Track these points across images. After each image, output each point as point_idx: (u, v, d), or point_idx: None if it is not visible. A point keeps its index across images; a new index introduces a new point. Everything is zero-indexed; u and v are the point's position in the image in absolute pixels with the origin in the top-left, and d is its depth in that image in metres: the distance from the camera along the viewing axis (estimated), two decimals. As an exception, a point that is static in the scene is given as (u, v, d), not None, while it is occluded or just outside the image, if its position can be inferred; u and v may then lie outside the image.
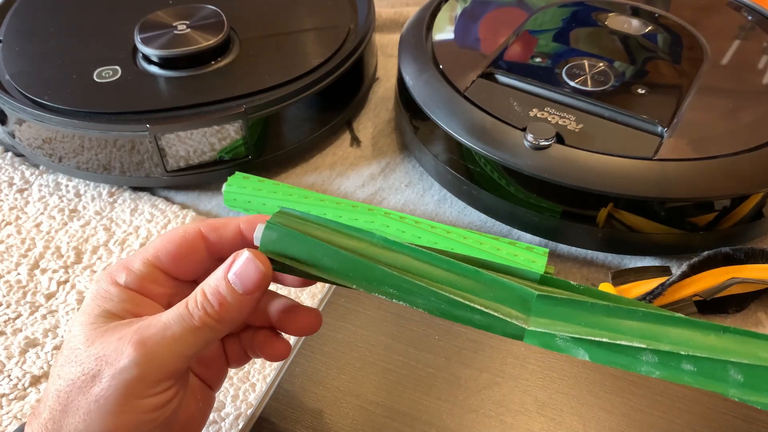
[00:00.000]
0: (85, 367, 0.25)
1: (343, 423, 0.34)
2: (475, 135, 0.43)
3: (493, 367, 0.36)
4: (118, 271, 0.27)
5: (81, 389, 0.25)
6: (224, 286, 0.25)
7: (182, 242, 0.28)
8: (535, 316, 0.24)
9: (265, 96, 0.48)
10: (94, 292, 0.27)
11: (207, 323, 0.25)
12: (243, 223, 0.28)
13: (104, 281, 0.27)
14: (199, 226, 0.28)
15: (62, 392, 0.25)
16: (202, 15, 0.53)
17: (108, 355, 0.24)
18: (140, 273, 0.27)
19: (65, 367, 0.25)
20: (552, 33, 0.52)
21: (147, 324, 0.25)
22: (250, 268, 0.26)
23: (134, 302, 0.27)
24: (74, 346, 0.25)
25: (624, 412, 0.34)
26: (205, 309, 0.25)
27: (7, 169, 0.53)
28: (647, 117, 0.43)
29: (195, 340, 0.25)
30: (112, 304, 0.26)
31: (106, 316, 0.26)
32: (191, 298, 0.26)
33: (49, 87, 0.48)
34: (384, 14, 0.68)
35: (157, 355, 0.24)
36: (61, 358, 0.26)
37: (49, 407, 0.25)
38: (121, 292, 0.27)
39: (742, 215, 0.42)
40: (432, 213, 0.49)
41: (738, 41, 0.51)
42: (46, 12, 0.56)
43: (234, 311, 0.26)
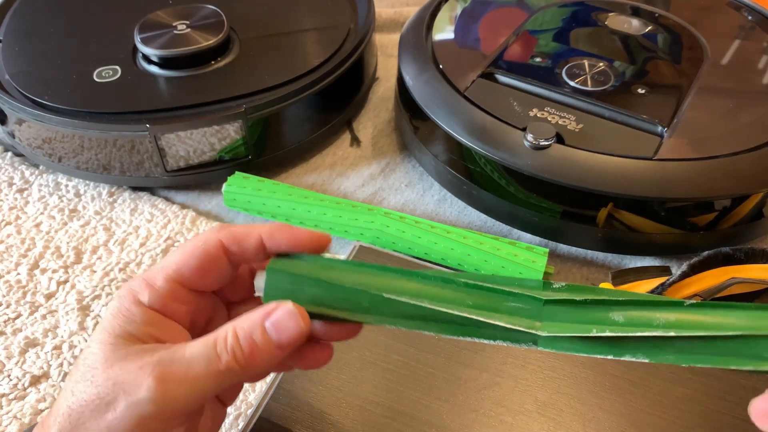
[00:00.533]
0: (101, 390, 0.24)
1: (343, 423, 0.34)
2: (475, 135, 0.43)
3: (493, 367, 0.36)
4: (141, 289, 0.26)
5: (93, 413, 0.24)
6: (259, 335, 0.25)
7: (205, 256, 0.26)
8: (546, 322, 0.25)
9: (265, 96, 0.48)
10: (115, 310, 0.26)
11: (232, 369, 0.24)
12: (264, 234, 0.27)
13: (126, 299, 0.26)
14: (220, 237, 0.27)
15: (74, 411, 0.24)
16: (202, 15, 0.53)
17: (126, 383, 0.24)
18: (163, 291, 0.26)
19: (80, 384, 0.25)
20: (552, 33, 0.52)
21: (170, 357, 0.24)
22: (291, 323, 0.25)
23: (156, 325, 0.26)
24: (91, 364, 0.25)
25: (624, 412, 0.34)
26: (235, 354, 0.24)
27: (7, 169, 0.53)
28: (647, 117, 0.43)
29: (216, 383, 0.24)
30: (134, 326, 0.25)
31: (127, 338, 0.25)
32: (220, 338, 0.25)
33: (49, 87, 0.48)
34: (384, 14, 0.68)
35: (176, 394, 0.24)
36: (77, 373, 0.25)
37: (59, 423, 0.24)
38: (144, 313, 0.26)
39: (742, 215, 0.42)
40: (432, 213, 0.49)
41: (738, 41, 0.51)
42: (45, 12, 0.56)
43: (263, 362, 0.25)
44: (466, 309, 0.25)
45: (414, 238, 0.44)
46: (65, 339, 0.40)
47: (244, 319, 0.25)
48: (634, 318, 0.24)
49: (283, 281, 0.26)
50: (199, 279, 0.27)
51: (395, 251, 0.44)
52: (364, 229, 0.45)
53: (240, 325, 0.25)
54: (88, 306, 0.43)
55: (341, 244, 0.47)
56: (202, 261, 0.27)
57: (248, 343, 0.25)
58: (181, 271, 0.26)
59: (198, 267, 0.26)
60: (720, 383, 0.36)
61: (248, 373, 0.25)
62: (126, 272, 0.45)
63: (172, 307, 0.27)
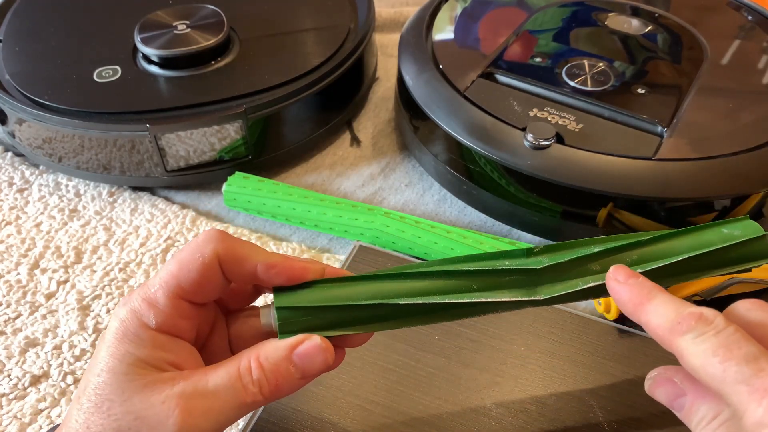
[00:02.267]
0: (122, 424, 0.24)
1: (343, 423, 0.34)
2: (475, 135, 0.43)
3: (493, 367, 0.36)
4: (145, 311, 0.26)
5: None
6: (285, 368, 0.25)
7: (203, 269, 0.26)
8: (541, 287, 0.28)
9: (265, 96, 0.48)
10: (121, 335, 0.25)
11: (258, 400, 0.25)
12: (261, 266, 0.27)
13: (132, 323, 0.25)
14: (218, 251, 0.26)
15: None
16: (202, 15, 0.53)
17: (149, 417, 0.24)
18: (168, 310, 0.26)
19: (95, 417, 0.24)
20: (552, 33, 0.52)
21: (192, 389, 0.24)
22: (319, 357, 0.26)
23: (166, 348, 0.26)
24: (106, 395, 0.24)
25: (623, 412, 0.34)
26: (261, 386, 0.25)
27: (7, 169, 0.53)
28: (647, 117, 0.43)
29: (240, 413, 0.25)
30: (144, 352, 0.25)
31: (140, 366, 0.25)
32: (244, 369, 0.25)
33: (49, 87, 0.48)
34: (384, 14, 0.68)
35: (202, 428, 0.24)
36: (88, 404, 0.24)
37: None
38: (152, 337, 0.25)
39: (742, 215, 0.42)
40: (432, 213, 0.49)
41: (738, 41, 0.51)
42: (46, 12, 0.56)
43: (286, 391, 0.25)
44: (474, 295, 0.28)
45: (414, 238, 0.44)
46: (65, 339, 0.41)
47: (269, 349, 0.25)
48: (607, 264, 0.28)
49: (295, 316, 0.27)
50: (199, 291, 0.26)
51: (395, 251, 0.44)
52: (364, 229, 0.45)
53: (265, 356, 0.25)
54: (88, 306, 0.43)
55: (341, 244, 0.47)
56: (201, 275, 0.26)
57: (275, 376, 0.25)
58: (181, 286, 0.26)
59: (197, 280, 0.26)
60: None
61: (271, 401, 0.25)
62: (126, 272, 0.45)
63: (179, 324, 0.26)
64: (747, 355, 0.22)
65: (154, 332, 0.25)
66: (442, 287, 0.28)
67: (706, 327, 0.23)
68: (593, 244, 0.29)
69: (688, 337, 0.23)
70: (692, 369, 0.23)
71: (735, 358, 0.22)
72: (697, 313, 0.24)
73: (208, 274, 0.26)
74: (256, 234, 0.47)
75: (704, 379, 0.23)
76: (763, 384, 0.21)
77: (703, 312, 0.24)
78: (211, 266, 0.26)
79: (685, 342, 0.23)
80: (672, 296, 0.25)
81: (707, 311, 0.24)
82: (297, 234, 0.48)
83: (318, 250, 0.46)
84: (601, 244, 0.29)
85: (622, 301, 0.26)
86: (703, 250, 0.29)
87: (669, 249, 0.29)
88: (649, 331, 0.25)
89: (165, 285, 0.26)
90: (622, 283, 0.26)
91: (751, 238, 0.29)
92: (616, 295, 0.26)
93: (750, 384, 0.21)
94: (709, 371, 0.22)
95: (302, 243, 0.47)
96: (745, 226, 0.30)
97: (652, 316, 0.25)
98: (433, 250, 0.43)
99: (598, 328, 0.38)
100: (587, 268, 0.28)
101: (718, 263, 0.29)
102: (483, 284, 0.28)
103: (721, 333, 0.23)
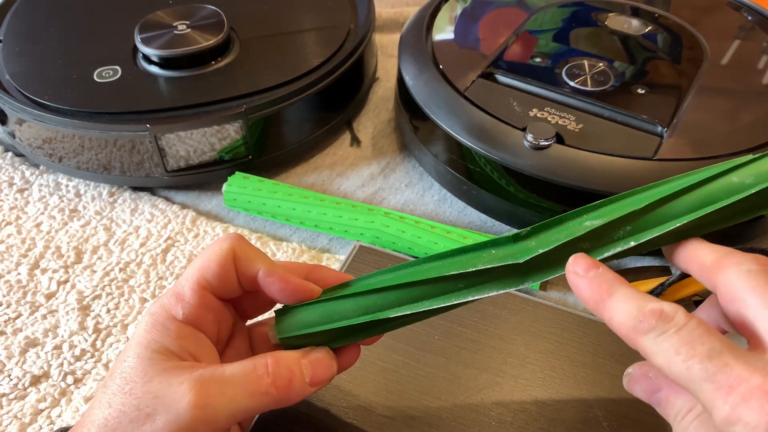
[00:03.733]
0: (141, 402, 0.25)
1: (343, 423, 0.34)
2: (475, 135, 0.43)
3: (493, 367, 0.36)
4: (173, 304, 0.28)
5: (132, 423, 0.25)
6: (298, 368, 0.27)
7: (222, 261, 0.28)
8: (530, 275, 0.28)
9: (265, 96, 0.48)
10: (149, 325, 0.27)
11: (270, 393, 0.26)
12: (262, 271, 0.29)
13: (160, 315, 0.27)
14: (234, 247, 0.29)
15: (111, 421, 0.25)
16: (202, 15, 0.53)
17: (166, 396, 0.25)
18: (193, 301, 0.28)
19: (117, 397, 0.25)
20: (552, 33, 0.52)
21: (209, 375, 0.26)
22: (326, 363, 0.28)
23: (189, 339, 0.27)
24: (129, 377, 0.26)
25: (623, 412, 0.34)
26: (275, 379, 0.27)
27: (8, 169, 0.53)
28: (647, 117, 0.43)
29: (253, 403, 0.26)
30: (170, 341, 0.27)
31: (164, 353, 0.26)
32: (260, 363, 0.27)
33: (49, 87, 0.48)
34: (384, 14, 0.68)
35: (215, 410, 0.25)
36: (113, 385, 0.26)
37: None
38: (179, 328, 0.27)
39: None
40: (432, 213, 0.49)
41: (738, 41, 0.51)
42: (46, 12, 0.56)
43: (296, 392, 0.27)
44: (461, 294, 0.28)
45: (414, 238, 0.44)
46: (65, 339, 0.41)
47: (283, 352, 0.28)
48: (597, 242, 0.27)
49: (297, 341, 0.29)
50: (220, 283, 0.28)
51: (395, 251, 0.44)
52: (364, 229, 0.45)
53: (280, 355, 0.27)
54: (89, 306, 0.43)
55: (341, 244, 0.47)
56: (222, 265, 0.28)
57: (288, 373, 0.27)
58: (205, 277, 0.28)
59: (219, 271, 0.28)
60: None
61: (282, 400, 0.27)
62: (126, 272, 0.45)
63: (202, 317, 0.28)
64: (710, 351, 0.22)
65: (180, 323, 0.27)
66: (431, 291, 0.28)
67: (666, 325, 0.23)
68: (585, 214, 0.28)
69: (650, 336, 0.23)
70: (659, 368, 0.23)
71: (698, 356, 0.22)
72: (658, 310, 0.23)
73: (226, 266, 0.28)
74: (256, 234, 0.47)
75: (671, 378, 0.23)
76: (728, 380, 0.21)
77: (663, 308, 0.23)
78: (228, 260, 0.28)
79: (648, 342, 0.23)
80: (634, 290, 0.25)
81: (668, 307, 0.23)
82: (297, 234, 0.48)
83: (318, 250, 0.46)
84: (593, 215, 0.28)
85: (583, 297, 0.25)
86: (706, 210, 0.26)
87: (668, 212, 0.27)
88: (612, 329, 0.25)
89: (191, 278, 0.28)
90: (581, 276, 0.26)
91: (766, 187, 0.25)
92: (576, 290, 0.26)
93: (714, 381, 0.21)
94: (674, 370, 0.22)
95: (302, 243, 0.47)
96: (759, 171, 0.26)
97: (613, 313, 0.24)
98: (433, 250, 0.43)
99: (598, 328, 0.38)
100: (576, 247, 0.27)
101: (723, 218, 0.27)
102: (472, 282, 0.28)
103: (683, 330, 0.22)
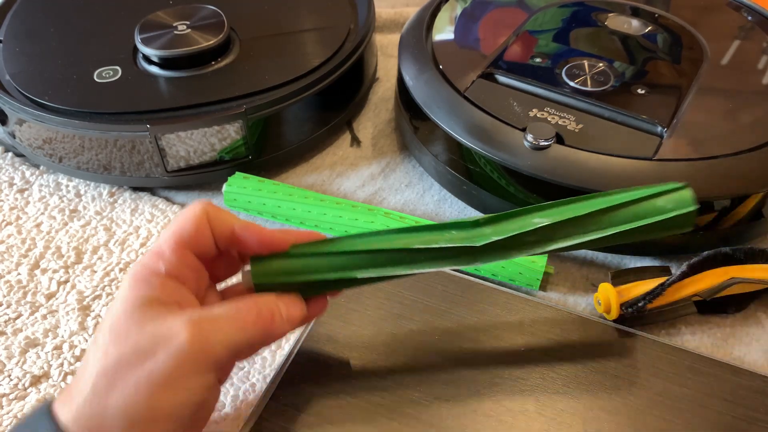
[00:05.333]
0: (139, 345, 0.26)
1: (343, 423, 0.34)
2: (475, 135, 0.43)
3: (493, 367, 0.36)
4: (154, 262, 0.29)
5: (131, 364, 0.26)
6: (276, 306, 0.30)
7: (196, 220, 0.30)
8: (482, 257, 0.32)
9: (265, 96, 0.48)
10: (134, 281, 0.28)
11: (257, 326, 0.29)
12: (238, 228, 0.31)
13: (143, 272, 0.29)
14: (206, 210, 0.31)
15: (109, 369, 0.26)
16: (202, 15, 0.53)
17: (164, 334, 0.27)
18: (174, 259, 0.29)
19: (112, 347, 0.27)
20: (552, 33, 0.52)
21: (200, 314, 0.28)
22: (298, 307, 0.31)
23: (174, 290, 0.29)
24: (123, 328, 0.27)
25: (623, 412, 0.34)
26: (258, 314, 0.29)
27: (8, 170, 0.53)
28: (647, 117, 0.43)
29: (244, 337, 0.28)
30: (156, 293, 0.28)
31: (152, 303, 0.28)
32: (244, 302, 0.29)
33: (50, 87, 0.48)
34: (384, 14, 0.68)
35: (210, 341, 0.27)
36: (104, 339, 0.27)
37: (92, 385, 0.26)
38: (163, 281, 0.29)
39: (742, 215, 0.42)
40: (432, 213, 0.49)
41: (738, 41, 0.51)
42: (46, 12, 0.56)
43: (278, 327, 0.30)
44: (420, 266, 0.32)
45: (414, 238, 0.44)
46: (66, 339, 0.41)
47: (262, 295, 0.31)
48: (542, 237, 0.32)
49: (270, 288, 0.32)
50: (197, 243, 0.30)
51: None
52: (364, 229, 0.45)
53: (259, 297, 0.30)
54: (89, 306, 0.43)
55: (341, 244, 0.47)
56: (196, 225, 0.30)
57: (268, 309, 0.30)
58: (182, 236, 0.30)
59: (194, 231, 0.30)
60: (720, 383, 0.36)
61: (267, 334, 0.30)
62: (126, 272, 0.45)
63: (183, 272, 0.30)
64: None
65: (163, 277, 0.29)
66: (395, 259, 0.32)
67: None
68: (537, 212, 0.32)
69: None
70: None
71: None
72: None
73: (201, 226, 0.30)
74: (256, 234, 0.47)
75: None
76: None
77: None
78: (202, 220, 0.30)
79: None
80: None
81: None
82: (297, 234, 0.48)
83: (318, 250, 0.46)
84: (542, 214, 0.32)
85: None
86: (636, 224, 0.32)
87: (605, 221, 0.32)
88: None
89: (169, 238, 0.30)
90: None
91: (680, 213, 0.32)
92: None
93: None
94: None
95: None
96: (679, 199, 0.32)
97: None
98: (433, 250, 0.43)
99: (598, 328, 0.38)
100: (524, 239, 0.32)
101: (647, 231, 0.32)
102: (429, 257, 0.32)
103: None
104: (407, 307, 0.39)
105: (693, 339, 0.40)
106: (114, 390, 0.26)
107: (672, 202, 0.32)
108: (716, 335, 0.40)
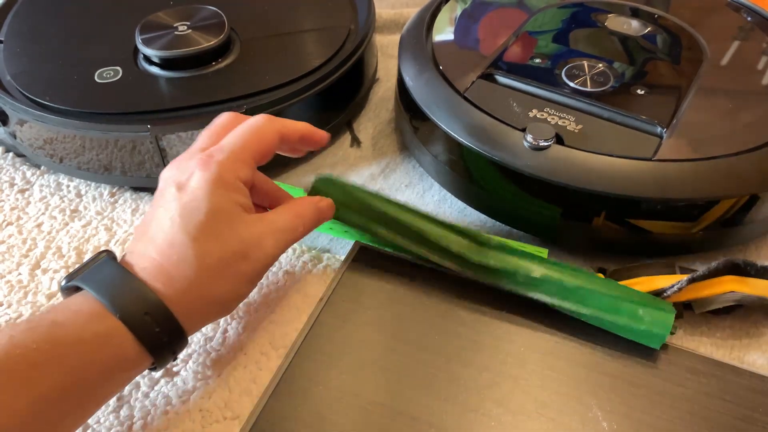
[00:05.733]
0: (235, 247, 0.34)
1: (343, 423, 0.34)
2: (474, 135, 0.43)
3: (493, 367, 0.36)
4: (238, 168, 0.35)
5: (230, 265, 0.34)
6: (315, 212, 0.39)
7: (273, 146, 0.37)
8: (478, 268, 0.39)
9: (266, 96, 0.48)
10: (221, 184, 0.34)
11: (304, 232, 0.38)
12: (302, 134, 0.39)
13: (228, 176, 0.34)
14: (281, 132, 0.38)
15: (213, 267, 0.33)
16: (202, 16, 0.53)
17: (254, 240, 0.35)
18: (250, 169, 0.36)
19: (213, 245, 0.33)
20: (552, 34, 0.52)
21: (274, 225, 0.36)
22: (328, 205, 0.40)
23: (248, 196, 0.36)
24: (218, 229, 0.33)
25: (623, 412, 0.34)
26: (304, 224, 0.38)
27: (9, 170, 0.53)
28: (646, 117, 0.43)
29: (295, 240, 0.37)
30: (239, 198, 0.35)
31: (239, 207, 0.34)
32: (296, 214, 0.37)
33: (50, 87, 0.48)
34: (384, 15, 0.68)
35: (282, 250, 0.37)
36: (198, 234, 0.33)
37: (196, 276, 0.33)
38: (243, 188, 0.35)
39: (741, 215, 0.42)
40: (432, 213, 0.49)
41: (737, 42, 0.51)
42: (47, 13, 0.56)
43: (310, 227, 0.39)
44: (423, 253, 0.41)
45: (414, 238, 0.44)
46: (66, 339, 0.41)
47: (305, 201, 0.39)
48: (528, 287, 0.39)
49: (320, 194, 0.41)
50: (262, 159, 0.37)
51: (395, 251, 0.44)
52: (364, 229, 0.45)
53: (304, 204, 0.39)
54: (89, 306, 0.43)
55: (341, 244, 0.47)
56: (272, 147, 0.37)
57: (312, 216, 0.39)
58: (259, 151, 0.36)
59: (268, 152, 0.37)
60: (720, 383, 0.36)
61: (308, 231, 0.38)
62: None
63: (250, 180, 0.36)
64: None
65: (242, 183, 0.35)
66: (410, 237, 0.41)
67: None
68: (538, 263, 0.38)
69: None
70: None
71: None
72: None
73: (274, 148, 0.38)
74: (256, 234, 0.47)
75: None
76: None
77: None
78: (276, 142, 0.38)
79: None
80: None
81: None
82: (297, 234, 0.48)
83: (318, 250, 0.46)
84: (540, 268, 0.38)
85: None
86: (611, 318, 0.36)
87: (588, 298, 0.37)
88: None
89: (249, 150, 0.36)
90: None
91: (652, 332, 0.35)
92: None
93: None
94: None
95: (302, 243, 0.47)
96: (655, 317, 0.35)
97: None
98: (433, 250, 0.43)
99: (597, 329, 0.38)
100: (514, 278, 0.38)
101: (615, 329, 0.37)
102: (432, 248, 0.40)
103: None
104: (407, 307, 0.39)
105: (693, 339, 0.40)
106: (217, 284, 0.33)
107: (650, 316, 0.35)
108: (716, 335, 0.40)
